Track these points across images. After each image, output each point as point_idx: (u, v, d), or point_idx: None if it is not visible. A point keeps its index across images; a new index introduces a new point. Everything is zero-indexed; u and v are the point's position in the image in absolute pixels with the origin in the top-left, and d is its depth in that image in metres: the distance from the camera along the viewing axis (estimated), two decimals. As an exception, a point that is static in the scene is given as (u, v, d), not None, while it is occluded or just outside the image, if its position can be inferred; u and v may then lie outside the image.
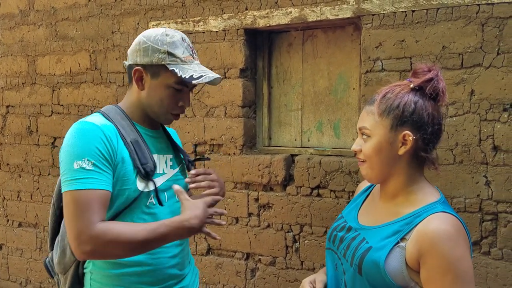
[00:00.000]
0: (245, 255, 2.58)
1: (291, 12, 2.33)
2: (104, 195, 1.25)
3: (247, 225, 2.55)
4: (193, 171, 1.48)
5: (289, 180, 2.45)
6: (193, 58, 1.42)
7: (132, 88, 1.44)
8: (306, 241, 2.40)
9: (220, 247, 2.64)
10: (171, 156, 1.52)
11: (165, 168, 1.47)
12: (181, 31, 1.46)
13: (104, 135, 1.29)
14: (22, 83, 3.25)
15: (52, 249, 1.50)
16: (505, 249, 1.98)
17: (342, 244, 1.25)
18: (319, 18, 2.26)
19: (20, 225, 3.37)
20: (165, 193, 1.44)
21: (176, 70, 1.35)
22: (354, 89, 2.40)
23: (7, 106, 3.33)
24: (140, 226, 1.26)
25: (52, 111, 3.14)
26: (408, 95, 1.16)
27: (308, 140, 2.55)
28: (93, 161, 1.24)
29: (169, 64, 1.35)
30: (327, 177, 2.32)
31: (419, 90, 1.17)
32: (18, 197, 3.33)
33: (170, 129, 1.67)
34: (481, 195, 2.00)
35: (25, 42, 3.21)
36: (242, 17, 2.46)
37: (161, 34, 1.38)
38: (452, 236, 1.07)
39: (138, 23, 2.77)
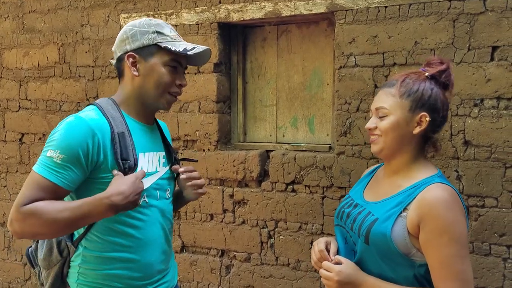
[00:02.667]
0: (220, 252, 2.56)
1: (265, 7, 2.30)
2: (53, 188, 1.24)
3: (222, 221, 2.53)
4: (182, 169, 1.51)
5: (264, 176, 2.44)
6: (180, 38, 1.44)
7: (124, 80, 1.43)
8: (281, 237, 2.40)
9: (195, 244, 2.61)
10: (163, 153, 1.51)
11: (158, 166, 1.46)
12: None
13: (91, 135, 1.28)
14: (-12, 77, 3.13)
15: (36, 240, 1.48)
16: (475, 243, 2.01)
17: (349, 219, 1.36)
18: (293, 13, 2.25)
19: (-13, 224, 3.26)
20: (158, 191, 1.44)
21: (169, 46, 1.36)
22: (328, 84, 2.39)
23: (-28, 101, 3.20)
24: (63, 205, 1.24)
25: (19, 106, 3.03)
26: (425, 82, 1.29)
27: (283, 136, 2.54)
28: (63, 155, 1.24)
29: (160, 42, 1.37)
30: (301, 173, 2.32)
31: (432, 79, 1.30)
32: (-16, 195, 3.22)
33: (162, 124, 1.65)
34: (452, 189, 2.03)
35: (-10, 34, 3.09)
36: (216, 10, 2.42)
37: (144, 20, 1.42)
38: (448, 202, 1.19)
39: (108, 16, 2.69)
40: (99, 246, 1.37)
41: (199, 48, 1.39)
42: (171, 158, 1.56)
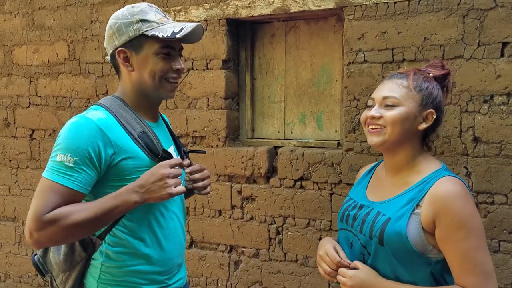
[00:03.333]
0: (228, 248, 2.57)
1: (273, 3, 2.30)
2: (69, 193, 1.22)
3: (230, 217, 2.54)
4: (188, 169, 1.49)
5: (272, 172, 2.44)
6: (167, 19, 1.37)
7: (122, 77, 1.40)
8: (289, 233, 2.40)
9: (203, 240, 2.62)
10: (173, 147, 1.51)
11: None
12: None
13: (99, 133, 1.25)
14: (-2, 74, 3.16)
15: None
16: (484, 239, 2.01)
17: (357, 221, 1.32)
18: (301, 9, 2.24)
19: (-2, 219, 3.30)
20: None
21: (156, 33, 1.30)
22: (336, 80, 2.39)
23: (-17, 98, 3.24)
24: (86, 205, 1.24)
25: (29, 102, 3.06)
26: (432, 81, 1.31)
27: (291, 132, 2.54)
28: (75, 158, 1.22)
29: (147, 31, 1.31)
30: (310, 169, 2.32)
31: (436, 80, 1.32)
32: (-5, 190, 3.26)
33: (164, 117, 1.63)
34: (461, 186, 2.02)
35: (1, 31, 3.12)
36: (224, 7, 2.42)
37: (126, 8, 1.36)
38: (462, 195, 1.18)
39: (117, 13, 2.71)
40: (123, 242, 1.35)
41: (188, 28, 1.33)
42: (180, 150, 1.54)
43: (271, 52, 2.55)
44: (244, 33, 2.57)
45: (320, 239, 2.33)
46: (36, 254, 1.45)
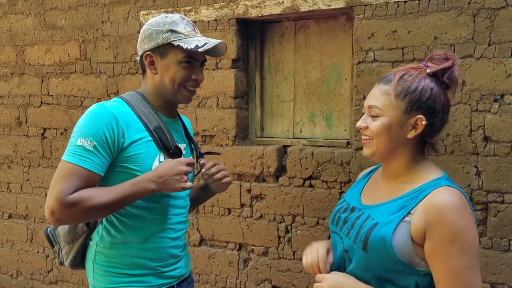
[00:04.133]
0: (238, 246, 2.59)
1: (283, 2, 2.31)
2: (89, 175, 1.32)
3: (239, 216, 2.56)
4: (203, 169, 1.58)
5: (282, 171, 2.45)
6: (195, 32, 1.49)
7: (146, 77, 1.52)
8: (298, 232, 2.41)
9: (213, 238, 2.64)
10: (184, 146, 1.59)
11: (182, 155, 1.54)
12: None
13: (115, 121, 1.36)
14: (11, 73, 3.20)
15: None
16: (495, 239, 2.00)
17: (346, 224, 1.26)
18: (311, 8, 2.25)
19: (10, 216, 3.34)
20: None
21: (182, 44, 1.41)
22: (346, 80, 2.40)
23: (-4, 97, 3.28)
24: (107, 189, 1.35)
25: (41, 101, 3.10)
26: (425, 80, 1.17)
27: (301, 131, 2.55)
28: (94, 143, 1.32)
29: (173, 40, 1.42)
30: (319, 168, 2.33)
31: (434, 76, 1.18)
32: (8, 188, 3.30)
33: (185, 119, 1.74)
34: (471, 185, 2.02)
35: (13, 31, 3.16)
36: (234, 6, 2.44)
37: (161, 17, 1.48)
38: (459, 207, 1.08)
39: (128, 12, 2.73)
40: (116, 225, 1.45)
41: (211, 44, 1.44)
42: (192, 151, 1.64)
43: (281, 51, 2.56)
44: (253, 33, 2.58)
45: (329, 237, 2.33)
46: (49, 227, 1.59)
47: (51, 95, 3.05)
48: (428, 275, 1.13)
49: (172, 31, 1.43)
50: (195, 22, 2.53)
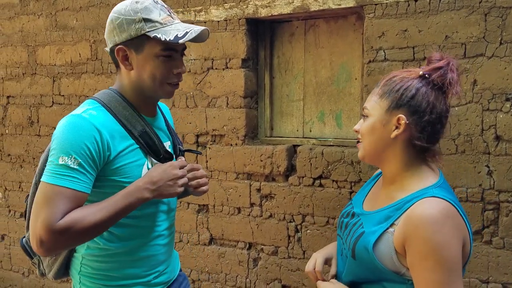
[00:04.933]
0: (248, 245, 2.60)
1: (293, 2, 2.32)
2: (77, 196, 1.20)
3: (249, 215, 2.57)
4: (187, 166, 1.42)
5: (291, 170, 2.46)
6: (172, 18, 1.32)
7: (121, 72, 1.37)
8: (308, 231, 2.42)
9: (223, 237, 2.65)
10: (169, 143, 1.49)
11: (173, 158, 1.47)
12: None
13: (98, 133, 1.23)
14: (23, 74, 3.24)
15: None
16: (506, 238, 1.99)
17: (346, 230, 1.28)
18: (321, 8, 2.25)
19: (22, 215, 3.38)
20: None
21: (159, 36, 1.25)
22: (356, 79, 2.40)
23: (8, 97, 3.32)
24: (97, 207, 1.22)
25: (53, 101, 3.13)
26: (412, 80, 1.16)
27: (310, 131, 2.55)
28: (79, 160, 1.19)
29: (149, 31, 1.26)
30: (329, 168, 2.33)
31: (426, 77, 1.16)
32: (19, 187, 3.34)
33: (162, 105, 1.59)
34: (483, 184, 2.01)
35: (25, 32, 3.19)
36: (244, 6, 2.44)
37: (130, 2, 1.30)
38: (437, 221, 1.04)
39: (139, 13, 2.75)
40: (103, 237, 1.35)
41: (192, 33, 1.27)
42: (175, 148, 1.52)
43: (290, 51, 2.56)
44: (263, 32, 2.59)
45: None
46: (24, 237, 1.45)
47: (63, 95, 3.08)
48: None
49: (146, 20, 1.25)
50: (205, 22, 2.54)
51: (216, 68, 2.58)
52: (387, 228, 1.12)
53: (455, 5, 2.00)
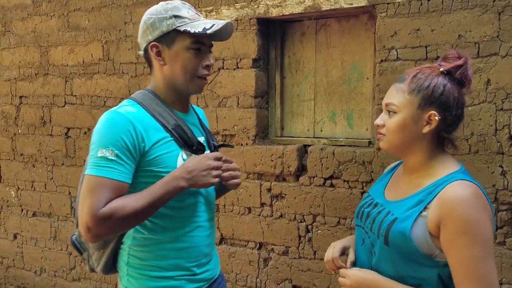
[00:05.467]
0: (258, 245, 2.60)
1: (304, 1, 2.31)
2: (117, 185, 1.29)
3: (259, 215, 2.56)
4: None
5: (302, 170, 2.45)
6: (199, 16, 1.42)
7: (154, 71, 1.46)
8: (319, 231, 2.41)
9: (233, 237, 2.65)
10: (203, 138, 1.55)
11: (205, 150, 1.51)
12: None
13: (132, 125, 1.32)
14: (35, 74, 3.27)
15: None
16: (520, 239, 1.97)
17: (368, 219, 1.33)
18: (333, 7, 2.25)
19: (34, 214, 3.41)
20: None
21: (188, 29, 1.35)
22: (368, 78, 2.38)
23: (21, 97, 3.35)
24: (138, 196, 1.31)
25: (65, 101, 3.16)
26: (438, 77, 1.23)
27: (321, 131, 2.55)
28: (116, 151, 1.29)
29: (179, 26, 1.36)
30: (340, 168, 2.32)
31: (447, 74, 1.23)
32: (32, 187, 3.37)
33: (198, 109, 1.69)
34: (496, 185, 1.99)
35: (37, 32, 3.23)
36: (255, 6, 2.45)
37: (160, 5, 1.41)
38: (471, 200, 1.13)
39: (150, 13, 2.76)
40: (147, 227, 1.42)
41: (218, 24, 1.37)
42: (209, 144, 1.58)
43: (301, 50, 2.56)
44: (274, 32, 2.59)
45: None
46: (74, 234, 1.55)
47: (75, 95, 3.11)
48: (448, 266, 1.18)
49: (176, 16, 1.36)
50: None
51: (227, 68, 2.58)
52: (421, 212, 1.18)
53: (468, 4, 1.98)
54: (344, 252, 1.42)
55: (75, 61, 3.07)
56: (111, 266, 1.52)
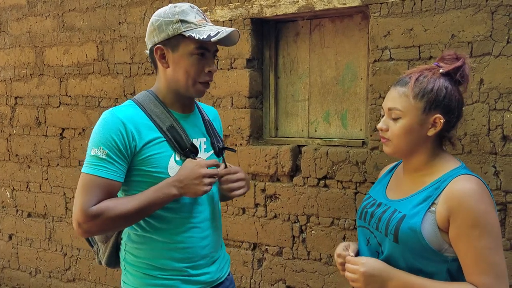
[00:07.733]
0: (252, 245, 2.59)
1: (298, 1, 2.31)
2: (108, 183, 1.33)
3: (253, 215, 2.56)
4: (223, 171, 1.47)
5: (296, 171, 2.45)
6: (206, 21, 1.43)
7: (159, 72, 1.48)
8: (313, 232, 2.40)
9: (227, 237, 2.65)
10: (204, 140, 1.54)
11: (199, 152, 1.51)
12: None
13: (122, 125, 1.34)
14: (30, 74, 3.27)
15: None
16: (513, 240, 1.97)
17: (373, 219, 1.33)
18: (326, 7, 2.24)
19: (29, 215, 3.41)
20: None
21: (193, 34, 1.36)
22: (362, 79, 2.38)
23: (16, 97, 3.35)
24: (129, 198, 1.35)
25: (60, 102, 3.15)
26: (439, 80, 1.25)
27: (315, 131, 2.54)
28: (107, 151, 1.32)
29: (184, 31, 1.37)
30: (334, 168, 2.31)
31: (447, 75, 1.25)
32: (27, 187, 3.37)
33: (209, 109, 1.69)
34: (489, 185, 1.98)
35: (32, 33, 3.22)
36: (249, 6, 2.44)
37: (169, 7, 1.42)
38: (478, 193, 1.17)
39: (144, 14, 2.76)
40: (141, 225, 1.44)
41: (223, 32, 1.37)
42: (214, 146, 1.57)
43: (295, 50, 2.56)
44: (268, 32, 2.58)
45: (344, 238, 2.32)
46: None
47: (70, 96, 3.10)
48: (456, 260, 1.21)
49: (182, 21, 1.37)
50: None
51: (221, 68, 2.58)
52: (429, 208, 1.21)
53: (461, 4, 1.97)
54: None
55: (70, 61, 3.07)
56: (115, 260, 1.55)
